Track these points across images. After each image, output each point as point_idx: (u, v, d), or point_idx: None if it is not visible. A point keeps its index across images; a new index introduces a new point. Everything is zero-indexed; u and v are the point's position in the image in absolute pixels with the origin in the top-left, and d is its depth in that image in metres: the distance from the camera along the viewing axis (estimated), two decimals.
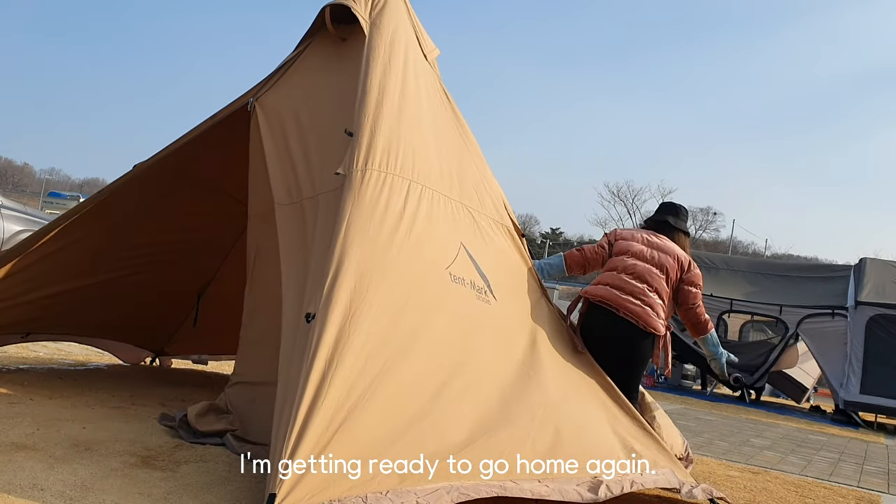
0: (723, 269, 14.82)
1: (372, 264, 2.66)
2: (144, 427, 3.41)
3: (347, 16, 3.58)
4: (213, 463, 2.92)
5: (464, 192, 3.44)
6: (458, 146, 3.68)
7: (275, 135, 3.47)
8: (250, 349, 3.70)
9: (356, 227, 2.70)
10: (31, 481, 2.37)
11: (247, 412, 3.45)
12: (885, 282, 12.10)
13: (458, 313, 2.95)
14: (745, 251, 50.53)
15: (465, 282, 3.08)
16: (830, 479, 4.98)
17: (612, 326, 3.72)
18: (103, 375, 4.88)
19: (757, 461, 5.36)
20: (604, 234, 4.16)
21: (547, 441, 2.81)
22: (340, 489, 2.13)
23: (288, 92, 3.64)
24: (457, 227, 3.20)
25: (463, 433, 2.57)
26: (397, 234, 2.84)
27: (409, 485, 2.28)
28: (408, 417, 2.44)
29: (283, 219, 3.17)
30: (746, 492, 3.94)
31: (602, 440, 3.07)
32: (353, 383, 2.35)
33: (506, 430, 2.74)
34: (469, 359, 2.86)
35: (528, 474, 2.62)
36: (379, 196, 2.87)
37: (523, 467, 2.64)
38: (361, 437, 2.28)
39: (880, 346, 11.28)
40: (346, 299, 2.51)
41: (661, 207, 4.26)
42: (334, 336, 2.41)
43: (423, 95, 3.52)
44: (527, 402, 2.95)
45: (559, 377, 3.26)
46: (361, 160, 2.90)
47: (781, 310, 12.61)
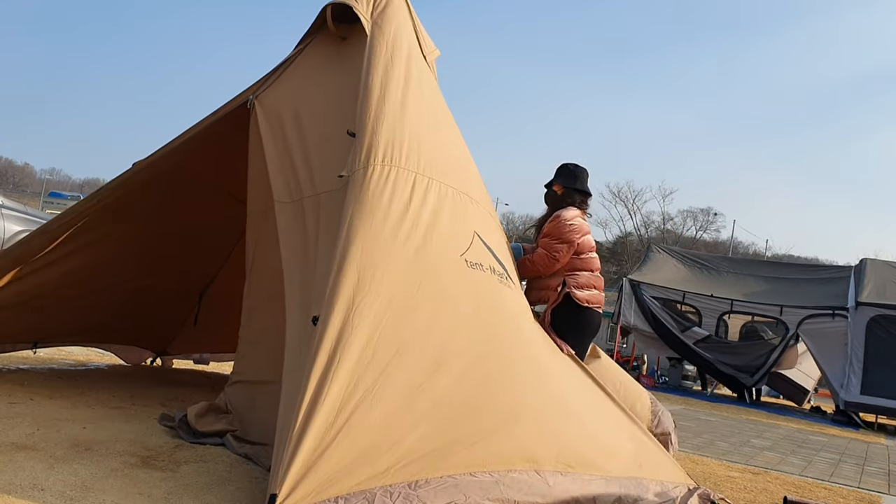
0: (723, 270, 14.82)
1: (375, 257, 2.62)
2: (145, 427, 3.41)
3: (349, 15, 3.58)
4: (213, 463, 2.92)
5: (468, 185, 3.44)
6: (457, 142, 3.69)
7: (274, 132, 3.47)
8: (249, 349, 3.70)
9: (358, 224, 2.68)
10: (32, 481, 2.37)
11: (246, 412, 3.45)
12: (886, 282, 12.10)
13: (480, 298, 2.91)
14: (745, 252, 50.52)
15: (484, 267, 3.05)
16: (831, 480, 4.98)
17: (598, 325, 3.99)
18: (103, 375, 4.88)
19: (757, 462, 5.35)
20: (568, 225, 3.97)
21: (570, 433, 2.81)
22: (345, 486, 2.11)
23: (288, 90, 3.63)
24: (467, 217, 3.18)
25: (487, 422, 2.55)
26: (403, 224, 2.80)
27: (424, 476, 2.26)
28: (420, 410, 2.41)
29: (284, 216, 3.16)
30: (746, 492, 3.94)
31: (619, 435, 3.10)
32: (360, 378, 2.32)
33: (526, 421, 2.73)
34: (491, 347, 2.83)
35: (549, 467, 2.61)
36: (384, 189, 2.84)
37: (544, 460, 2.64)
38: (369, 431, 2.25)
39: (881, 346, 11.28)
40: (348, 294, 2.48)
41: (578, 173, 4.23)
42: (336, 332, 2.38)
43: (426, 93, 3.52)
44: (551, 390, 2.95)
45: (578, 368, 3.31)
46: (363, 157, 2.89)
47: (782, 310, 12.61)
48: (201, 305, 5.48)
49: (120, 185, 4.02)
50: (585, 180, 4.21)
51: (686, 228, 52.30)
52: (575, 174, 4.16)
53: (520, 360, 2.91)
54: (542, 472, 2.56)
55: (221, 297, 5.35)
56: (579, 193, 4.12)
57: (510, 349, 2.91)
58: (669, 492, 2.99)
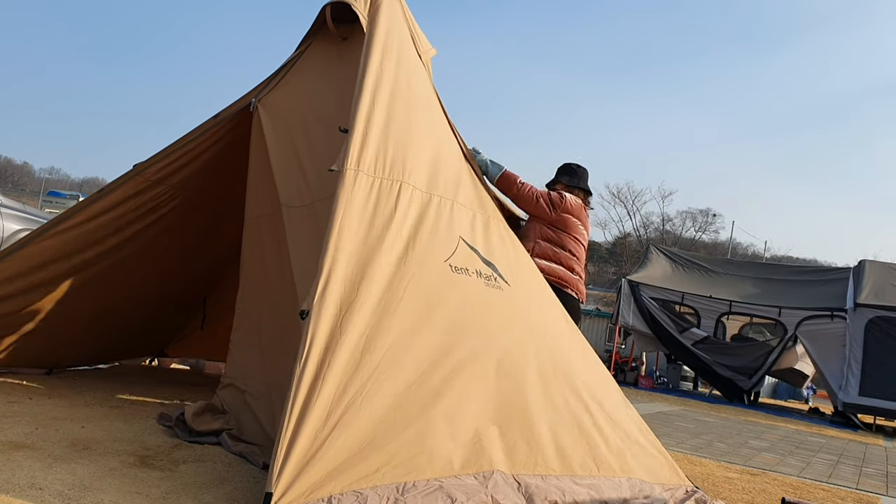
0: (722, 272, 14.83)
1: (361, 265, 2.66)
2: (143, 427, 3.41)
3: (348, 14, 3.58)
4: (211, 463, 2.92)
5: (458, 190, 3.44)
6: (447, 144, 3.67)
7: (279, 135, 3.46)
8: (239, 354, 3.70)
9: (346, 231, 2.71)
10: (30, 480, 2.37)
11: (241, 412, 3.45)
12: (885, 284, 12.12)
13: (465, 302, 2.94)
14: (744, 253, 50.57)
15: (469, 272, 3.07)
16: (829, 481, 4.98)
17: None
18: (103, 375, 4.88)
19: (755, 463, 5.36)
20: (549, 191, 4.29)
21: (571, 434, 2.82)
22: (338, 486, 2.14)
23: (291, 92, 3.63)
24: (452, 224, 3.20)
25: (474, 425, 2.57)
26: (388, 234, 2.84)
27: (412, 479, 2.28)
28: (411, 412, 2.44)
29: (294, 221, 3.15)
30: (745, 493, 3.94)
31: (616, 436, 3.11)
32: (349, 381, 2.36)
33: (524, 421, 2.74)
34: (483, 347, 2.86)
35: (535, 471, 2.62)
36: (367, 200, 2.87)
37: (544, 461, 2.65)
38: (360, 432, 2.28)
39: (879, 348, 11.29)
40: (336, 301, 2.51)
41: (581, 172, 4.47)
42: (326, 337, 2.41)
43: (417, 95, 3.52)
44: (550, 388, 2.95)
45: (581, 360, 3.31)
46: (354, 160, 2.89)
47: (780, 312, 12.62)
48: (206, 311, 5.46)
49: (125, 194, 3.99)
50: (587, 179, 4.40)
51: (685, 229, 52.38)
52: (577, 173, 4.37)
53: (504, 361, 2.91)
54: (521, 477, 2.57)
55: (224, 305, 5.32)
56: (581, 192, 4.30)
57: (496, 351, 2.92)
58: (664, 494, 3.00)
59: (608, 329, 19.27)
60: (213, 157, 4.23)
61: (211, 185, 4.54)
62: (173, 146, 3.93)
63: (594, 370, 3.40)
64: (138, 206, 4.11)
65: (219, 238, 4.97)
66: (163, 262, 4.63)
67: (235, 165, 4.18)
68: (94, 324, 4.49)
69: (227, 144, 4.08)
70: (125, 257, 4.27)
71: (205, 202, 4.63)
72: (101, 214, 3.99)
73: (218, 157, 4.25)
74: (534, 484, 2.59)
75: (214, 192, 4.61)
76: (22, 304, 3.96)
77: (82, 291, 4.17)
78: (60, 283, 4.04)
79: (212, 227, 4.83)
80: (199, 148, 3.99)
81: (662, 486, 3.07)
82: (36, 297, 4.00)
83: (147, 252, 4.41)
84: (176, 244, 4.61)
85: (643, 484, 2.99)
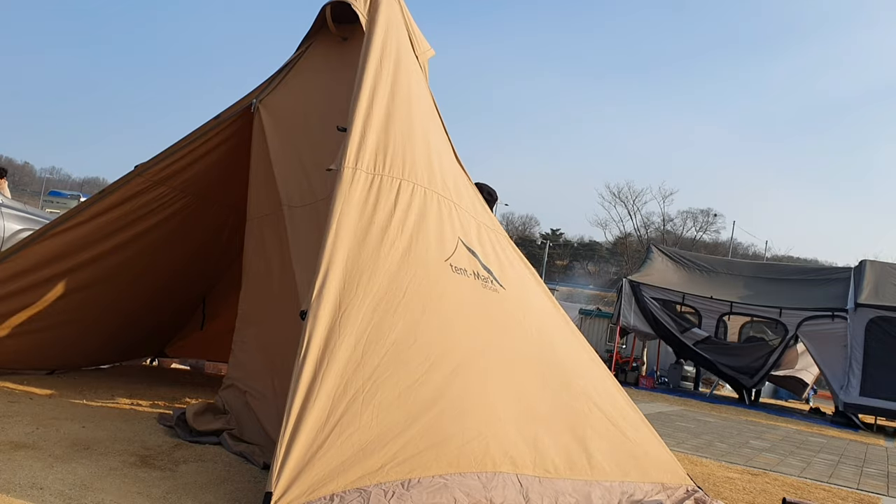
0: (723, 272, 14.83)
1: (361, 264, 2.65)
2: (143, 426, 3.41)
3: (348, 14, 3.58)
4: (211, 462, 2.92)
5: (454, 191, 3.44)
6: (442, 146, 3.68)
7: (281, 135, 3.45)
8: (242, 355, 3.70)
9: (345, 229, 2.70)
10: (31, 480, 2.37)
11: (242, 413, 3.45)
12: (885, 284, 12.11)
13: (464, 302, 2.94)
14: (745, 253, 50.50)
15: (468, 272, 3.07)
16: (830, 481, 4.98)
17: None
18: (103, 375, 4.88)
19: (756, 463, 5.36)
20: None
21: (572, 435, 2.82)
22: (340, 484, 2.13)
23: (292, 93, 3.63)
24: (452, 224, 3.20)
25: (477, 424, 2.57)
26: (388, 232, 2.83)
27: (416, 476, 2.27)
28: (414, 410, 2.44)
29: (296, 221, 3.14)
30: (746, 493, 3.94)
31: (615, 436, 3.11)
32: (350, 379, 2.35)
33: (524, 419, 2.74)
34: (483, 347, 2.86)
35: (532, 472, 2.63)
36: (367, 198, 2.86)
37: (545, 462, 2.65)
38: (362, 430, 2.28)
39: (880, 348, 11.28)
40: (335, 299, 2.50)
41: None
42: (324, 335, 2.40)
43: (414, 95, 3.52)
44: (548, 389, 2.96)
45: (578, 362, 3.31)
46: (352, 159, 2.89)
47: (781, 312, 12.61)
48: (206, 311, 5.46)
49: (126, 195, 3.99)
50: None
51: (686, 229, 52.36)
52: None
53: (503, 362, 2.91)
54: (523, 477, 2.58)
55: (224, 306, 5.33)
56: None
57: (493, 352, 2.92)
58: (663, 494, 3.00)
59: (609, 329, 19.25)
60: (215, 157, 4.23)
61: (212, 185, 4.54)
62: (175, 147, 3.94)
63: (595, 372, 3.40)
64: (140, 206, 4.11)
65: (220, 238, 4.97)
66: (164, 263, 4.62)
67: (237, 166, 4.18)
68: (96, 324, 4.49)
69: (228, 145, 4.08)
70: (126, 258, 4.27)
71: (206, 203, 4.63)
72: (103, 215, 3.99)
73: (219, 157, 4.25)
74: (535, 484, 2.59)
75: (216, 193, 4.61)
76: (23, 304, 3.97)
77: (84, 291, 4.16)
78: (62, 283, 4.04)
79: (213, 227, 4.83)
80: (200, 149, 4.00)
81: (662, 486, 3.07)
82: (37, 297, 4.00)
83: (148, 252, 4.40)
84: (177, 244, 4.60)
85: (643, 484, 2.99)
